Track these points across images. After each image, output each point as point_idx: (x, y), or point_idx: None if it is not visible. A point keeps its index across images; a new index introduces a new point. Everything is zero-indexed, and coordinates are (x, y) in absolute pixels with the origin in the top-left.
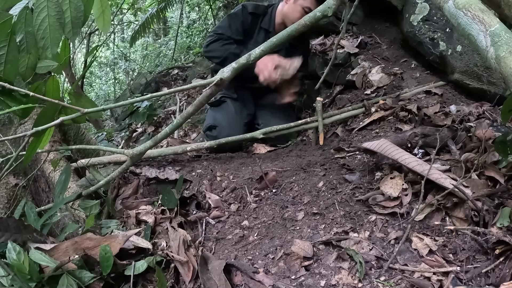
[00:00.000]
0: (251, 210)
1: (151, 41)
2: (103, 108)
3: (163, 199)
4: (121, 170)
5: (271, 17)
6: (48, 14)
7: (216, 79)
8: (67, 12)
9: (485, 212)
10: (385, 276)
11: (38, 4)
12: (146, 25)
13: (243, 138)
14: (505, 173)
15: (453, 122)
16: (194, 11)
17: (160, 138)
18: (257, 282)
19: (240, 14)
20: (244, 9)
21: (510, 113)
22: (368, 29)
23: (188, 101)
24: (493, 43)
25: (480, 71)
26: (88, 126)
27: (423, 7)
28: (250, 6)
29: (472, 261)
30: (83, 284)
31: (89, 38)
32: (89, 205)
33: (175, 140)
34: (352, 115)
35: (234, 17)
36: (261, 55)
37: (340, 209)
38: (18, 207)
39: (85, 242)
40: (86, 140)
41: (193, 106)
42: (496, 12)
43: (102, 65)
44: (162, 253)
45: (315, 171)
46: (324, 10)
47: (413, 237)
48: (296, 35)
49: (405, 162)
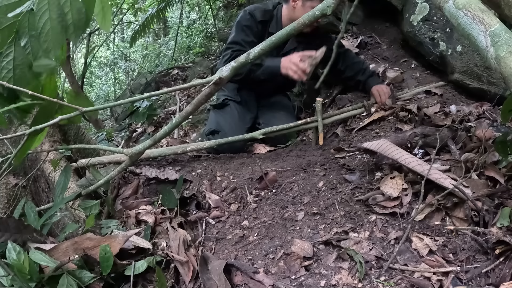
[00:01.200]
0: (251, 210)
1: (151, 41)
2: (101, 107)
3: (163, 199)
4: (120, 170)
5: (278, 20)
6: (50, 17)
7: (215, 78)
8: (68, 14)
9: (485, 212)
10: (385, 276)
11: (40, 7)
12: (146, 25)
13: (242, 138)
14: (505, 173)
15: (453, 122)
16: (194, 11)
17: (159, 138)
18: (257, 282)
19: (251, 24)
20: (253, 18)
21: (510, 113)
22: (368, 29)
23: (188, 101)
24: (493, 43)
25: (480, 71)
26: (88, 126)
27: (423, 7)
28: (258, 13)
29: (472, 261)
30: (83, 284)
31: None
32: (89, 205)
33: (175, 140)
34: (352, 115)
35: (246, 29)
36: (260, 54)
37: (340, 209)
38: (18, 207)
39: (85, 242)
40: (86, 140)
41: (192, 105)
42: (496, 12)
43: (102, 65)
44: (162, 253)
45: (315, 171)
46: (323, 9)
47: (413, 237)
48: (295, 34)
49: (405, 162)
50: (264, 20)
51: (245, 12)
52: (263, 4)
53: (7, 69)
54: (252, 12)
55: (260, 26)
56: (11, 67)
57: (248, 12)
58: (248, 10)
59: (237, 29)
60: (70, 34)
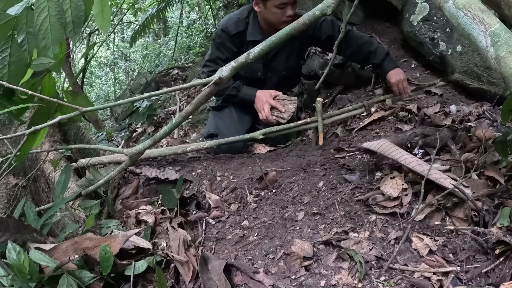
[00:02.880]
0: (251, 210)
1: (151, 41)
2: (101, 107)
3: (163, 199)
4: (120, 170)
5: (254, 25)
6: (49, 14)
7: (215, 78)
8: (67, 12)
9: (485, 212)
10: (385, 276)
11: (39, 4)
12: (146, 25)
13: (242, 138)
14: (505, 173)
15: (453, 122)
16: (194, 11)
17: (159, 138)
18: (257, 282)
19: (225, 41)
20: (226, 34)
21: (510, 113)
22: (368, 29)
23: (188, 101)
24: (493, 43)
25: (480, 71)
26: (88, 126)
27: (423, 7)
28: (231, 27)
29: (472, 261)
30: (83, 284)
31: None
32: (89, 205)
33: (175, 140)
34: (352, 115)
35: (220, 47)
36: (260, 54)
37: (340, 209)
38: (18, 207)
39: (85, 242)
40: (86, 140)
41: (192, 105)
42: (496, 12)
43: (102, 65)
44: (162, 253)
45: (315, 171)
46: (323, 9)
47: (413, 237)
48: (295, 34)
49: (405, 162)
50: (238, 31)
51: (220, 29)
52: (239, 12)
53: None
54: (225, 27)
55: (235, 38)
56: (6, 63)
57: (221, 29)
58: (221, 26)
59: (212, 47)
60: (69, 31)
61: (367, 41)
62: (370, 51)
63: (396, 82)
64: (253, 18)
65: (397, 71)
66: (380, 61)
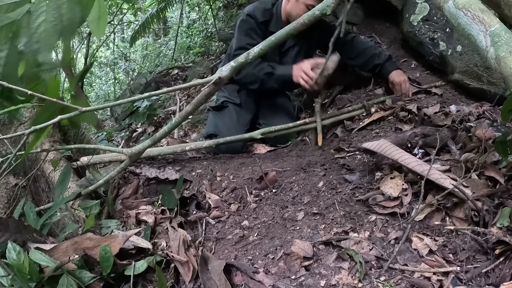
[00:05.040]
0: (251, 210)
1: (151, 41)
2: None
3: (163, 199)
4: (120, 169)
5: (277, 18)
6: (46, 19)
7: (214, 77)
8: (64, 17)
9: (485, 212)
10: (385, 276)
11: (37, 8)
12: (146, 25)
13: (241, 138)
14: (505, 173)
15: (453, 122)
16: (194, 11)
17: (159, 137)
18: (257, 282)
19: (254, 26)
20: (254, 20)
21: (510, 113)
22: (368, 29)
23: (188, 101)
24: (493, 43)
25: (480, 71)
26: (88, 126)
27: (423, 7)
28: (259, 14)
29: (472, 261)
30: (83, 284)
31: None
32: (89, 205)
33: (174, 140)
34: (352, 116)
35: (250, 32)
36: (259, 53)
37: (340, 209)
38: (18, 207)
39: (85, 242)
40: (86, 140)
41: (191, 105)
42: (496, 12)
43: (102, 65)
44: (162, 253)
45: (315, 171)
46: (323, 9)
47: (413, 237)
48: (295, 33)
49: (405, 162)
50: (265, 20)
51: (246, 14)
52: (261, 2)
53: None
54: (252, 13)
55: (262, 26)
56: (2, 63)
57: (248, 15)
58: (248, 12)
59: (240, 33)
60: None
61: (372, 45)
62: (374, 53)
63: (400, 81)
64: (277, 11)
65: (400, 72)
66: (383, 61)
